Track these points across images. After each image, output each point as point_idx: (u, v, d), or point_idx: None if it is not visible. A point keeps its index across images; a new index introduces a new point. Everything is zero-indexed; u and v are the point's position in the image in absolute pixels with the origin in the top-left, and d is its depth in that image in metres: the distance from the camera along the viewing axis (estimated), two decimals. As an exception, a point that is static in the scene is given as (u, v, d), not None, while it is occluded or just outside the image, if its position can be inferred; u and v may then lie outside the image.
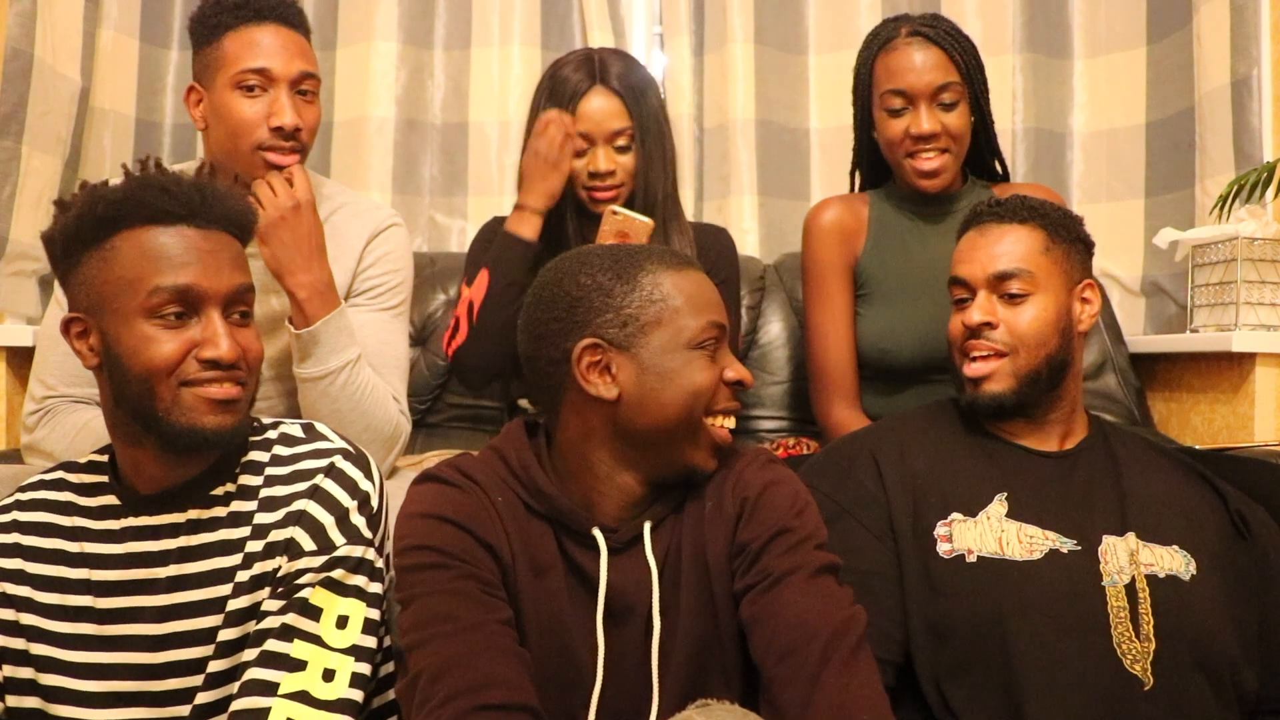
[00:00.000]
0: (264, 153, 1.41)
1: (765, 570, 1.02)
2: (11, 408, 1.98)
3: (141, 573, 1.04)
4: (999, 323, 1.26)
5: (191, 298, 1.00)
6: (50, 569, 1.05)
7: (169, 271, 0.99)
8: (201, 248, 1.01)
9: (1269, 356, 1.89)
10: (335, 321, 1.39)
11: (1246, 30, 1.97)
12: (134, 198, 1.00)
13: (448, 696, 0.91)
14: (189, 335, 1.00)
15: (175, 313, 1.00)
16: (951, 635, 1.14)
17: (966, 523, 1.20)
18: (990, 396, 1.26)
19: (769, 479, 1.09)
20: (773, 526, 1.04)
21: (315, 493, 1.06)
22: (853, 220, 1.72)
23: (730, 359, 1.10)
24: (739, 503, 1.07)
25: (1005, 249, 1.28)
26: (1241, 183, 1.82)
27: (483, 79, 2.36)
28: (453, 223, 2.38)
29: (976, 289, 1.29)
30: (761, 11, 2.33)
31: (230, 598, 1.03)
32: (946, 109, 1.60)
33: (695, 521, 1.08)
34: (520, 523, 1.06)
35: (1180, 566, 1.17)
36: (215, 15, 1.42)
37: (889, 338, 1.66)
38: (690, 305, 1.06)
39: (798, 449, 1.78)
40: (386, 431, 1.44)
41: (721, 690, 1.05)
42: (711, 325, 1.07)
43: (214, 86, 1.42)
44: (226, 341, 1.01)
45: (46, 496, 1.10)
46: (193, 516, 1.05)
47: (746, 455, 1.13)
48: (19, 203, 1.97)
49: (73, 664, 1.03)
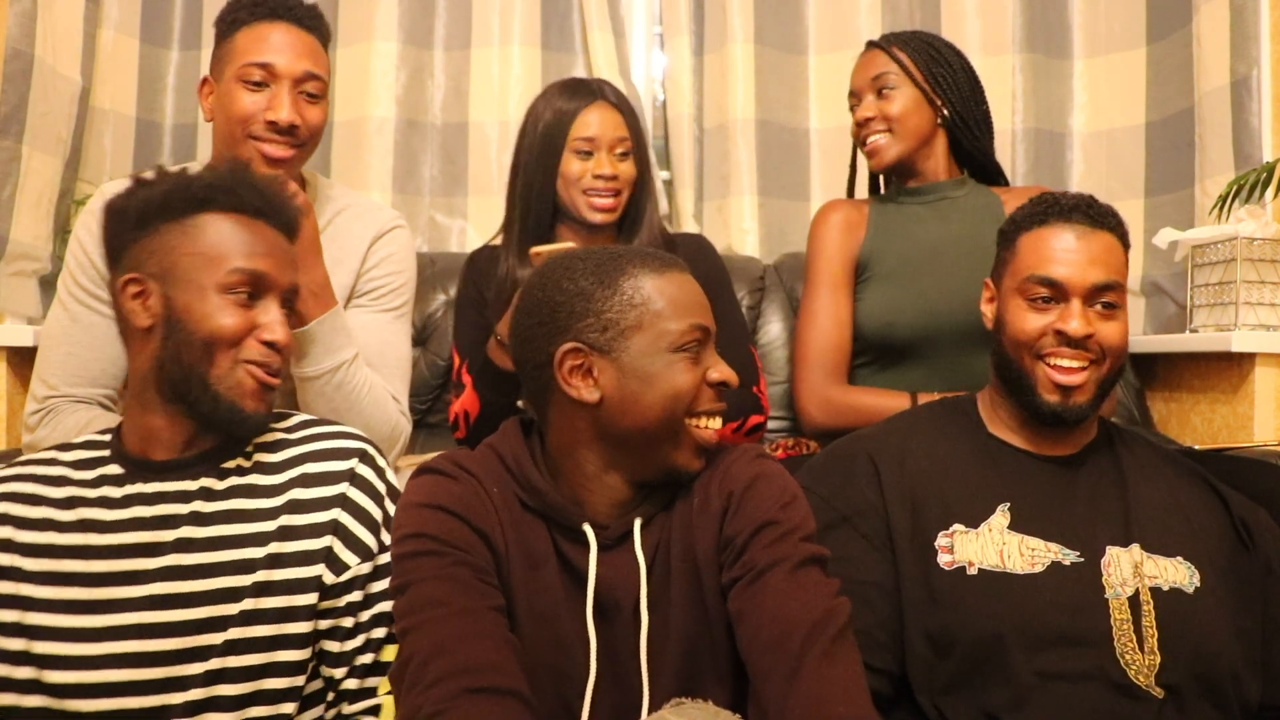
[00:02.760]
0: (256, 142, 1.42)
1: (750, 563, 1.02)
2: (11, 408, 1.98)
3: (145, 536, 1.06)
4: (1095, 333, 1.21)
5: (261, 284, 1.11)
6: (39, 536, 1.07)
7: (248, 257, 1.10)
8: (274, 243, 1.13)
9: (1269, 356, 1.89)
10: (331, 321, 1.40)
11: (1246, 30, 1.97)
12: (228, 187, 1.11)
13: (437, 679, 0.92)
14: (252, 316, 1.10)
15: (247, 293, 1.10)
16: (951, 648, 1.13)
17: (968, 534, 1.18)
18: (1078, 407, 1.21)
19: (755, 472, 1.09)
20: (758, 520, 1.04)
21: (345, 502, 1.12)
22: (857, 216, 1.81)
23: (715, 360, 1.10)
24: (725, 497, 1.08)
25: (1103, 258, 1.22)
26: (1241, 183, 1.82)
27: (483, 79, 2.36)
28: (453, 223, 2.38)
29: (1071, 296, 1.22)
30: (761, 11, 2.33)
31: (248, 568, 1.06)
32: (883, 96, 1.74)
33: (685, 518, 1.09)
34: (515, 516, 1.08)
35: (1184, 579, 1.16)
36: (235, 12, 1.45)
37: (891, 311, 1.70)
38: (672, 308, 1.07)
39: (797, 449, 1.78)
40: (385, 432, 1.44)
41: (714, 686, 1.06)
42: (693, 328, 1.07)
43: (222, 78, 1.44)
44: (282, 329, 1.11)
45: (36, 471, 1.13)
46: (205, 484, 1.09)
47: (734, 451, 1.13)
48: (19, 203, 1.97)
49: (67, 629, 1.04)
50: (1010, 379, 1.26)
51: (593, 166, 1.60)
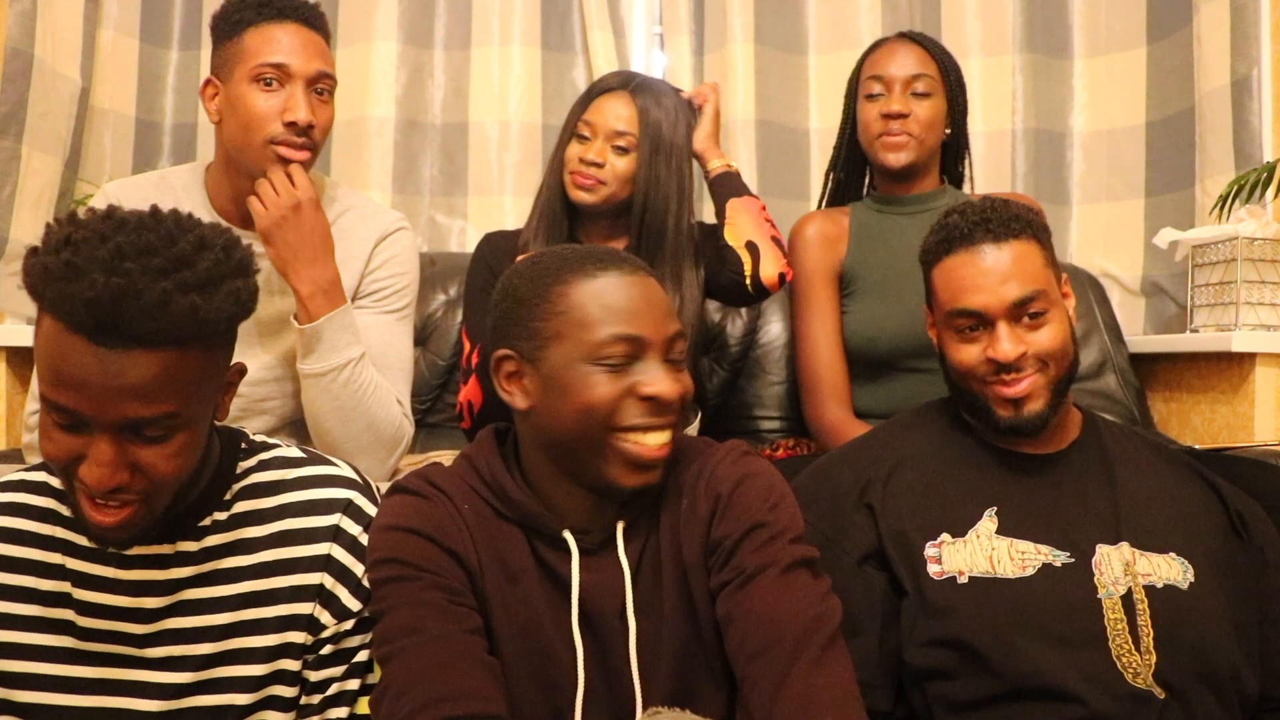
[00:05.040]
0: (276, 146, 1.41)
1: (739, 567, 1.00)
2: (11, 408, 1.98)
3: (127, 600, 1.02)
4: (1029, 349, 1.19)
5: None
6: (20, 579, 1.02)
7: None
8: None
9: (1269, 356, 1.89)
10: (339, 319, 1.40)
11: (1246, 30, 1.97)
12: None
13: (414, 709, 0.91)
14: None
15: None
16: (950, 655, 1.12)
17: (955, 544, 1.17)
18: (1034, 415, 1.20)
19: (742, 473, 1.06)
20: (746, 522, 1.02)
21: (329, 564, 1.04)
22: (834, 228, 1.78)
23: (649, 372, 1.01)
24: (712, 499, 1.05)
25: (1017, 272, 1.19)
26: (1241, 183, 1.82)
27: (483, 79, 2.36)
28: (453, 223, 2.38)
29: (995, 320, 1.19)
30: (761, 11, 2.33)
31: (227, 634, 1.02)
32: (919, 98, 1.70)
33: (672, 520, 1.06)
34: (490, 530, 1.05)
35: (1178, 575, 1.15)
36: (239, 11, 1.43)
37: (874, 326, 1.69)
38: (596, 318, 1.00)
39: (797, 449, 1.78)
40: (389, 433, 1.44)
41: (711, 690, 1.04)
42: (616, 339, 1.00)
43: (231, 80, 1.42)
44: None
45: (26, 500, 1.05)
46: (182, 549, 1.03)
47: (720, 450, 1.10)
48: (19, 203, 1.97)
49: (48, 677, 1.01)
50: (965, 403, 1.27)
51: (584, 151, 1.60)
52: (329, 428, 1.40)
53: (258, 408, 1.48)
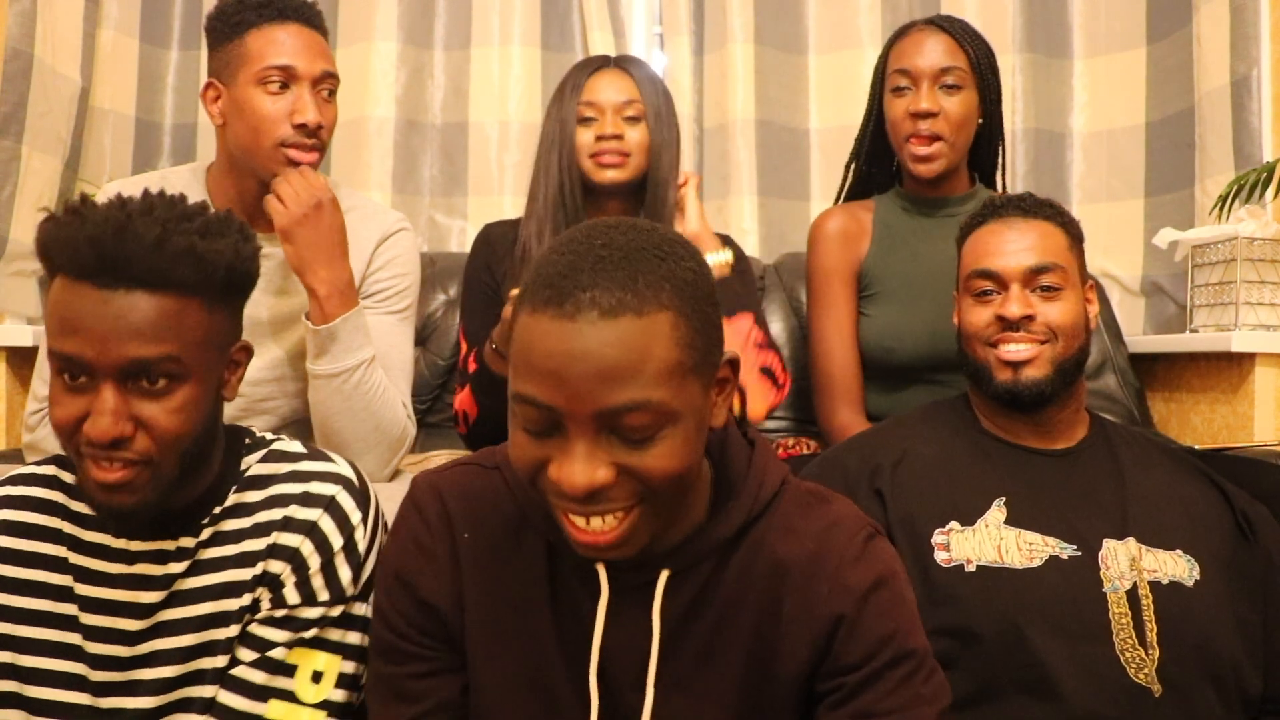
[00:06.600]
0: (286, 149, 1.41)
1: (865, 710, 0.85)
2: (11, 408, 1.98)
3: (126, 595, 1.02)
4: (1037, 314, 1.24)
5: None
6: (31, 573, 1.03)
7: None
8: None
9: (1269, 356, 1.89)
10: (353, 320, 1.39)
11: (1246, 30, 1.97)
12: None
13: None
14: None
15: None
16: (954, 644, 1.13)
17: (964, 532, 1.18)
18: (1031, 382, 1.23)
19: (872, 579, 0.88)
20: (884, 655, 0.86)
21: (312, 530, 1.03)
22: (856, 226, 1.74)
23: (563, 451, 0.77)
24: (834, 618, 0.87)
25: (1038, 243, 1.25)
26: (1241, 183, 1.82)
27: (483, 79, 2.36)
28: (453, 223, 2.38)
29: (1009, 282, 1.25)
30: (761, 11, 2.33)
31: (207, 624, 1.02)
32: (949, 91, 1.62)
33: (742, 587, 0.88)
34: (502, 556, 0.92)
35: (1183, 572, 1.16)
36: (238, 13, 1.42)
37: (892, 336, 1.66)
38: (517, 367, 0.79)
39: (797, 449, 1.78)
40: (395, 434, 1.44)
41: None
42: (523, 400, 0.78)
43: (235, 82, 1.41)
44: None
45: (35, 494, 1.06)
46: (183, 544, 1.03)
47: (846, 527, 0.91)
48: (19, 203, 1.97)
49: (58, 673, 1.01)
50: (971, 373, 1.30)
51: (598, 129, 1.60)
52: (338, 428, 1.40)
53: (259, 408, 1.48)
